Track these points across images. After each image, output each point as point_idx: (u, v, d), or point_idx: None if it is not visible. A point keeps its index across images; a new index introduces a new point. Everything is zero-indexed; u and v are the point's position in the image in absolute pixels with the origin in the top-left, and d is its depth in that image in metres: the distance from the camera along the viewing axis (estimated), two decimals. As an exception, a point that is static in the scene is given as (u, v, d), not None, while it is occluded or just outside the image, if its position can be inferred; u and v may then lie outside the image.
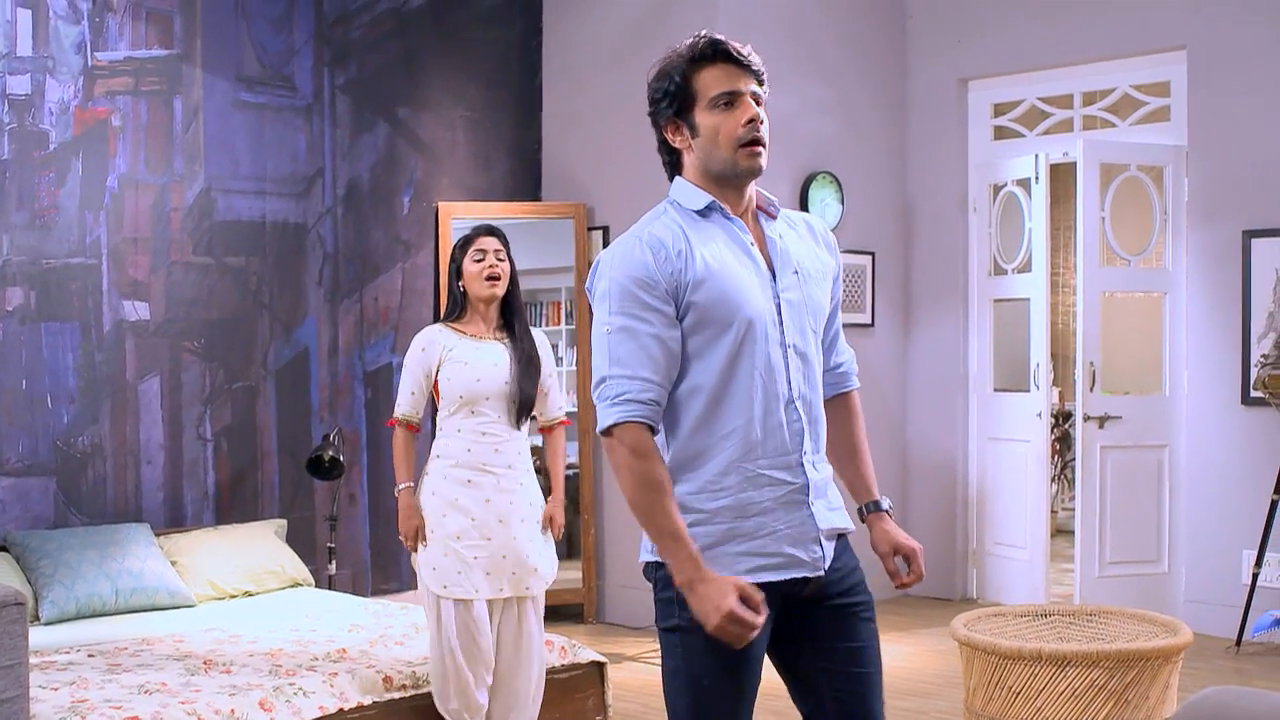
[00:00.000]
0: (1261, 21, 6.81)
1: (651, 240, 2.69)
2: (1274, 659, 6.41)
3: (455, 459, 4.48)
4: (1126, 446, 7.26)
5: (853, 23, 7.80)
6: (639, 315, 2.65)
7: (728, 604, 2.51)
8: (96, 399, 6.06)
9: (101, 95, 6.08)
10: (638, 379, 2.64)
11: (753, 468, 2.68)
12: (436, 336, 4.56)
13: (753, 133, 2.71)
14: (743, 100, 2.71)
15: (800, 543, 2.71)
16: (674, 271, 2.66)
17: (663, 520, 2.60)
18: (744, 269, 2.71)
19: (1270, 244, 6.74)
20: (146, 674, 4.53)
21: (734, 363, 2.67)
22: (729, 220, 2.75)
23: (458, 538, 4.44)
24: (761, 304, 2.69)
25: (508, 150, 7.71)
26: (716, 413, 2.68)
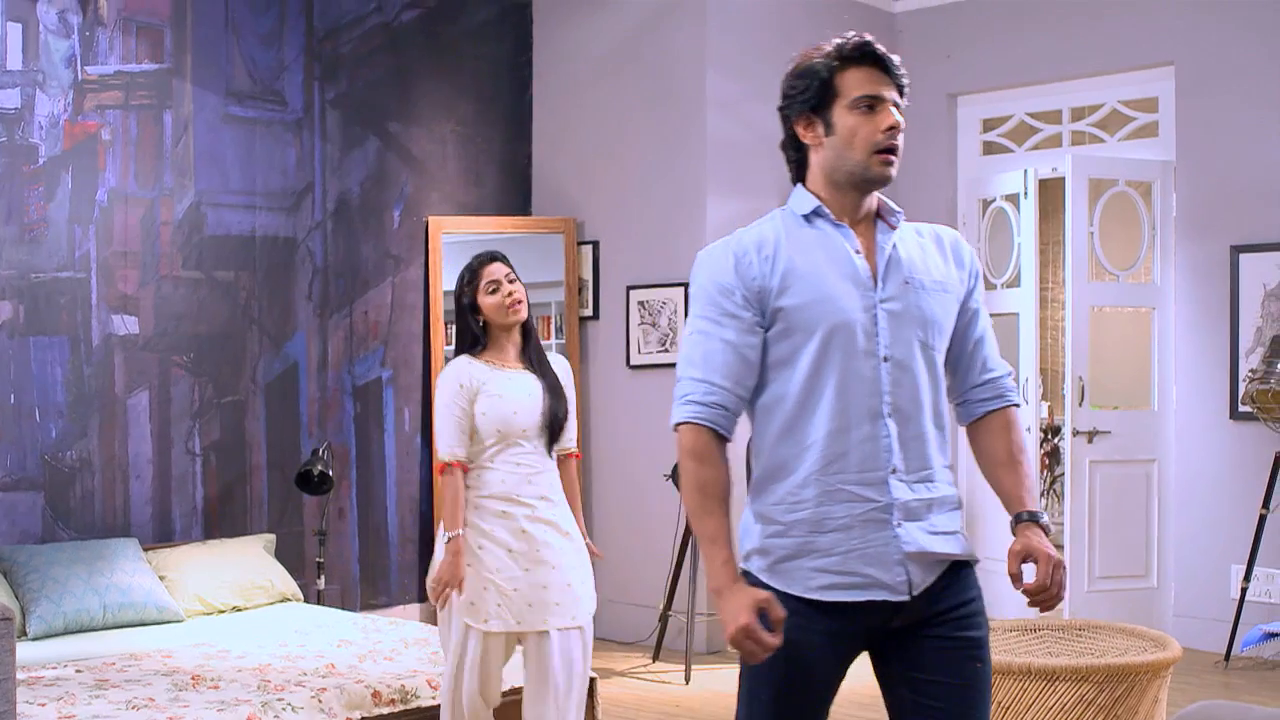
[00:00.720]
0: (1249, 38, 6.84)
1: (738, 246, 2.67)
2: (1262, 673, 6.42)
3: (489, 490, 4.30)
4: (1115, 461, 7.28)
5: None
6: (716, 320, 2.64)
7: (742, 619, 2.47)
8: (85, 413, 6.04)
9: (91, 109, 6.08)
10: (705, 382, 2.62)
11: (833, 481, 2.61)
12: (468, 369, 4.35)
13: (891, 140, 2.64)
14: (884, 106, 2.65)
15: (881, 564, 2.60)
16: (756, 277, 2.63)
17: (705, 523, 2.58)
18: (838, 276, 2.64)
19: (1258, 259, 6.77)
20: (134, 690, 4.52)
21: (818, 372, 2.61)
22: (835, 226, 2.69)
23: (497, 570, 4.25)
24: (854, 312, 2.62)
25: (498, 165, 7.71)
26: (799, 423, 2.63)
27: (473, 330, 4.41)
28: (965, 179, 8.02)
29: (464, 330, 4.44)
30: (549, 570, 4.29)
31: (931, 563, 2.65)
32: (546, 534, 4.32)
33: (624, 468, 7.36)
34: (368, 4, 7.12)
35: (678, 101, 7.22)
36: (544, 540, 4.31)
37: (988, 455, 2.82)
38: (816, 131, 2.69)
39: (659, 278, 7.16)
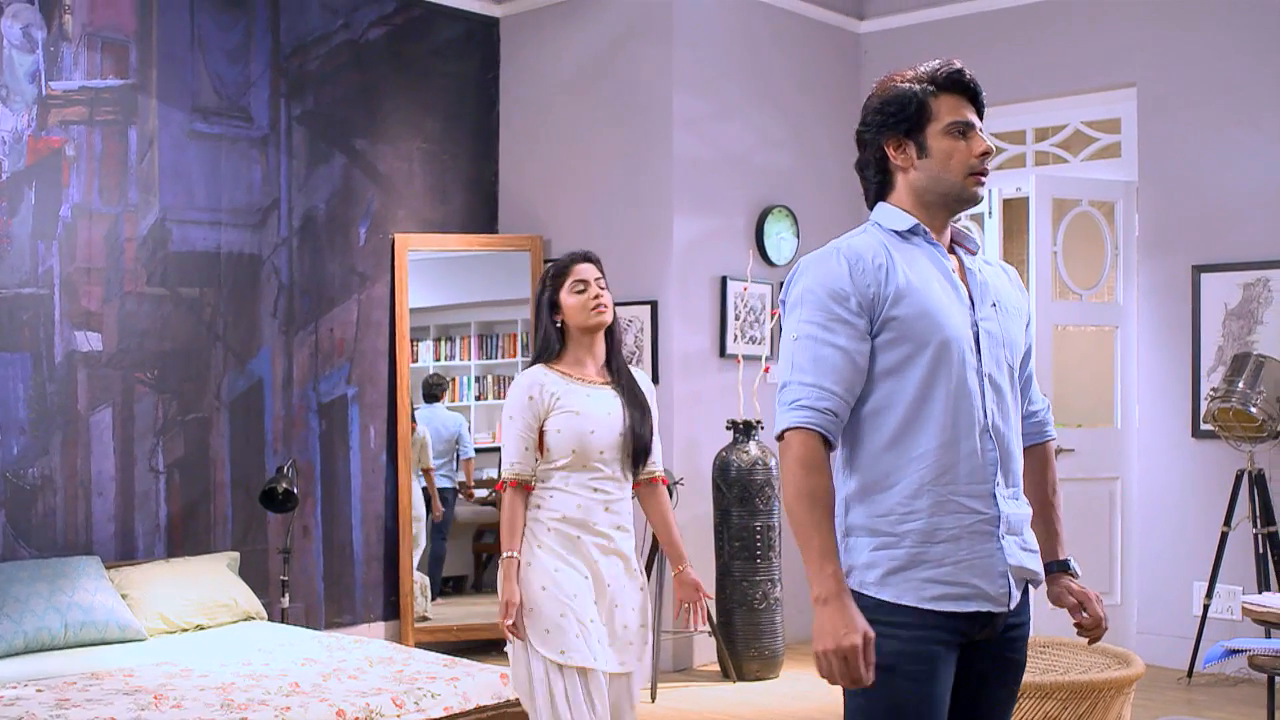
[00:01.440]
0: (1210, 58, 6.91)
1: (849, 252, 2.67)
2: (1225, 690, 6.46)
3: (563, 514, 3.96)
4: (1078, 479, 7.31)
5: (808, 58, 7.86)
6: (826, 325, 2.62)
7: (853, 638, 2.45)
8: (47, 430, 6.00)
9: (55, 124, 6.05)
10: (817, 387, 2.60)
11: (945, 492, 2.61)
12: (542, 380, 4.01)
13: (985, 163, 2.73)
14: (975, 132, 2.73)
15: (987, 575, 2.62)
16: (870, 284, 2.63)
17: (814, 535, 2.54)
18: (945, 291, 2.68)
19: (1219, 279, 6.83)
20: (96, 709, 4.48)
21: (930, 383, 2.62)
22: (932, 245, 2.74)
23: (574, 596, 3.91)
24: (961, 328, 2.66)
25: (464, 182, 7.71)
26: (908, 433, 2.63)
27: (550, 333, 4.09)
28: (930, 198, 8.04)
29: (541, 333, 4.12)
30: (613, 607, 3.98)
31: (1021, 578, 2.71)
32: (616, 568, 4.00)
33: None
34: (334, 21, 7.11)
35: (644, 120, 7.24)
36: (613, 575, 3.99)
37: (1028, 493, 2.86)
38: (909, 153, 2.74)
39: (625, 295, 7.16)
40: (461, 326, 7.72)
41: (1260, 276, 6.71)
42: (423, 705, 4.73)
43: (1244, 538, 6.57)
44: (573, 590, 3.90)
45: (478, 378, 7.73)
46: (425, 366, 7.54)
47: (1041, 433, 2.96)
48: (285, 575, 6.42)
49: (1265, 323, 6.70)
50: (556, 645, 3.88)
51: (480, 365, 7.72)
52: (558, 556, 3.93)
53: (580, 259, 4.13)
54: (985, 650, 2.69)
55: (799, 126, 7.77)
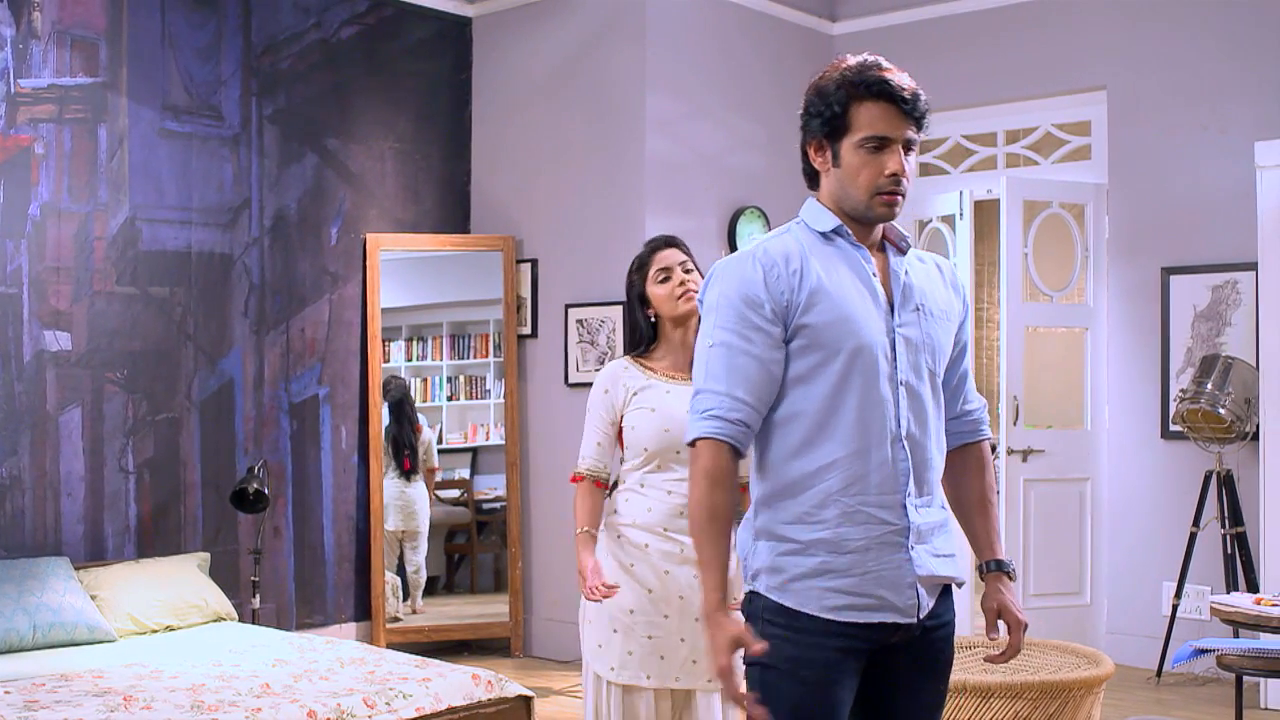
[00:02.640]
0: (1179, 63, 6.95)
1: (765, 257, 2.61)
2: (1193, 689, 6.50)
3: (633, 519, 3.78)
4: (1049, 480, 7.35)
5: (782, 59, 7.87)
6: (741, 333, 2.57)
7: (721, 660, 2.48)
8: (16, 430, 5.96)
9: (24, 122, 6.01)
10: (729, 396, 2.56)
11: (853, 503, 2.57)
12: (621, 375, 3.85)
13: (892, 185, 2.60)
14: (892, 149, 2.60)
15: (895, 587, 2.58)
16: (784, 291, 2.57)
17: (709, 548, 2.54)
18: (861, 297, 2.61)
19: (1188, 281, 6.87)
20: (65, 710, 4.45)
21: (840, 391, 2.57)
22: (854, 247, 2.66)
23: (630, 612, 3.74)
24: (876, 335, 2.59)
25: (436, 182, 7.70)
26: (817, 442, 2.58)
27: (640, 326, 3.90)
28: (902, 200, 8.07)
29: (632, 327, 3.93)
30: (690, 621, 3.70)
31: (934, 585, 2.67)
32: (691, 579, 3.68)
33: (561, 486, 7.34)
34: (306, 20, 7.08)
35: (617, 120, 7.24)
36: (688, 583, 3.71)
37: (963, 493, 2.86)
38: (825, 158, 2.68)
39: (597, 296, 7.16)
40: (433, 326, 7.71)
41: (1229, 279, 6.76)
42: (394, 706, 4.72)
43: (1213, 538, 6.61)
44: (628, 605, 3.75)
45: (450, 378, 7.71)
46: (397, 367, 7.53)
47: (976, 432, 2.89)
48: (256, 576, 6.40)
49: (1234, 324, 6.74)
50: (606, 661, 3.77)
51: (452, 365, 7.70)
52: (621, 568, 3.77)
53: (662, 245, 3.92)
54: (904, 651, 2.66)
55: (771, 128, 7.77)
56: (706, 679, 3.74)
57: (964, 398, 2.88)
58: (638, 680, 3.73)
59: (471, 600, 7.64)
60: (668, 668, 3.74)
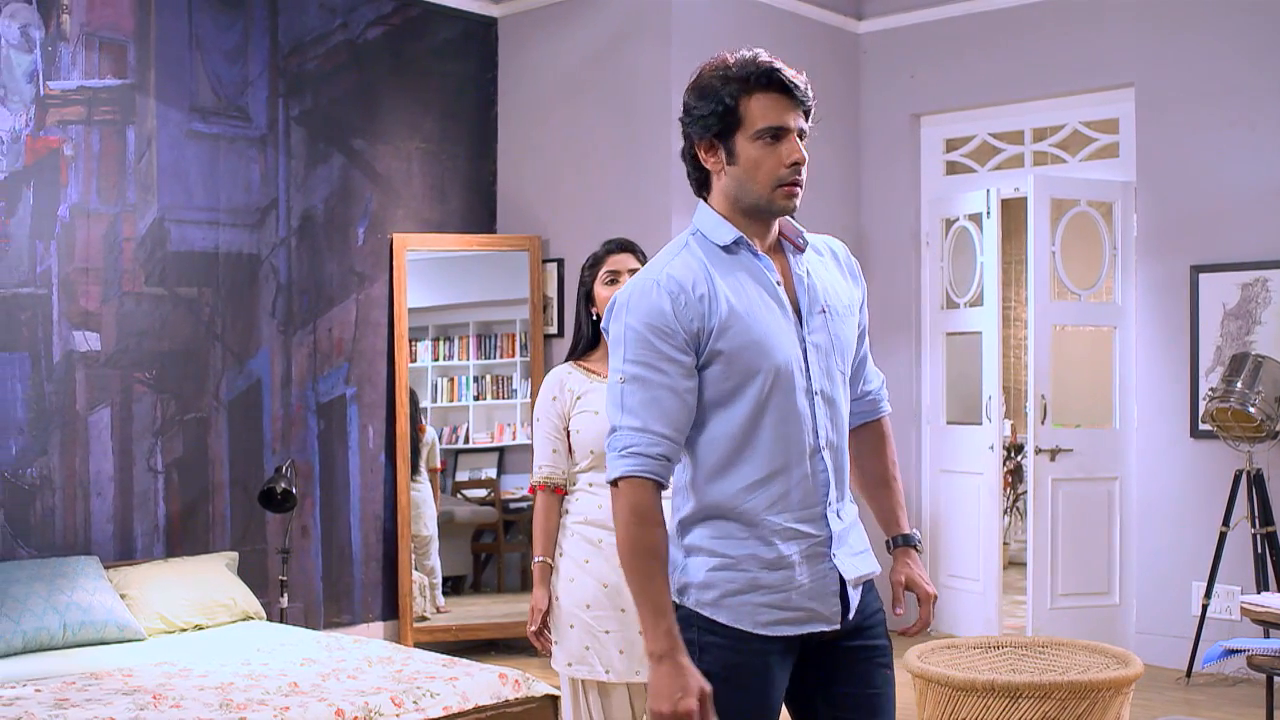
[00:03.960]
0: (1207, 59, 6.91)
1: (670, 283, 2.54)
2: (1223, 689, 6.46)
3: (585, 516, 3.79)
4: (1077, 479, 7.32)
5: (807, 58, 7.84)
6: (653, 365, 2.51)
7: (687, 705, 2.40)
8: (46, 430, 5.99)
9: (54, 124, 6.05)
10: (648, 432, 2.50)
11: (778, 521, 2.57)
12: (565, 380, 3.87)
13: (794, 174, 2.57)
14: (789, 137, 2.56)
15: (821, 596, 2.60)
16: (694, 318, 2.52)
17: (649, 589, 2.48)
18: (771, 313, 2.57)
19: (1217, 279, 6.83)
20: (95, 709, 4.47)
21: (759, 413, 2.55)
22: (756, 258, 2.61)
23: (586, 606, 3.75)
24: (789, 350, 2.57)
25: (463, 182, 7.71)
26: (739, 463, 2.57)
27: (582, 325, 3.94)
28: (928, 198, 8.07)
29: (576, 327, 3.98)
30: None
31: (857, 584, 2.68)
32: None
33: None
34: (332, 21, 7.11)
35: (642, 119, 7.24)
36: None
37: (866, 472, 2.90)
38: (719, 157, 2.62)
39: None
40: (460, 326, 7.72)
41: (1258, 276, 6.71)
42: (421, 705, 4.73)
43: (1242, 538, 6.58)
44: (584, 599, 3.76)
45: (476, 378, 7.72)
46: (424, 366, 7.54)
47: (875, 410, 2.91)
48: (284, 575, 6.42)
49: (1263, 323, 6.70)
50: (563, 658, 3.79)
51: (479, 365, 7.72)
52: (575, 564, 3.79)
53: (616, 249, 3.92)
54: (838, 644, 2.67)
55: (797, 126, 7.76)
56: None
57: (864, 378, 2.89)
58: (596, 675, 3.74)
59: (498, 599, 7.65)
60: (628, 661, 3.74)
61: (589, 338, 3.92)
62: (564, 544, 3.84)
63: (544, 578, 3.82)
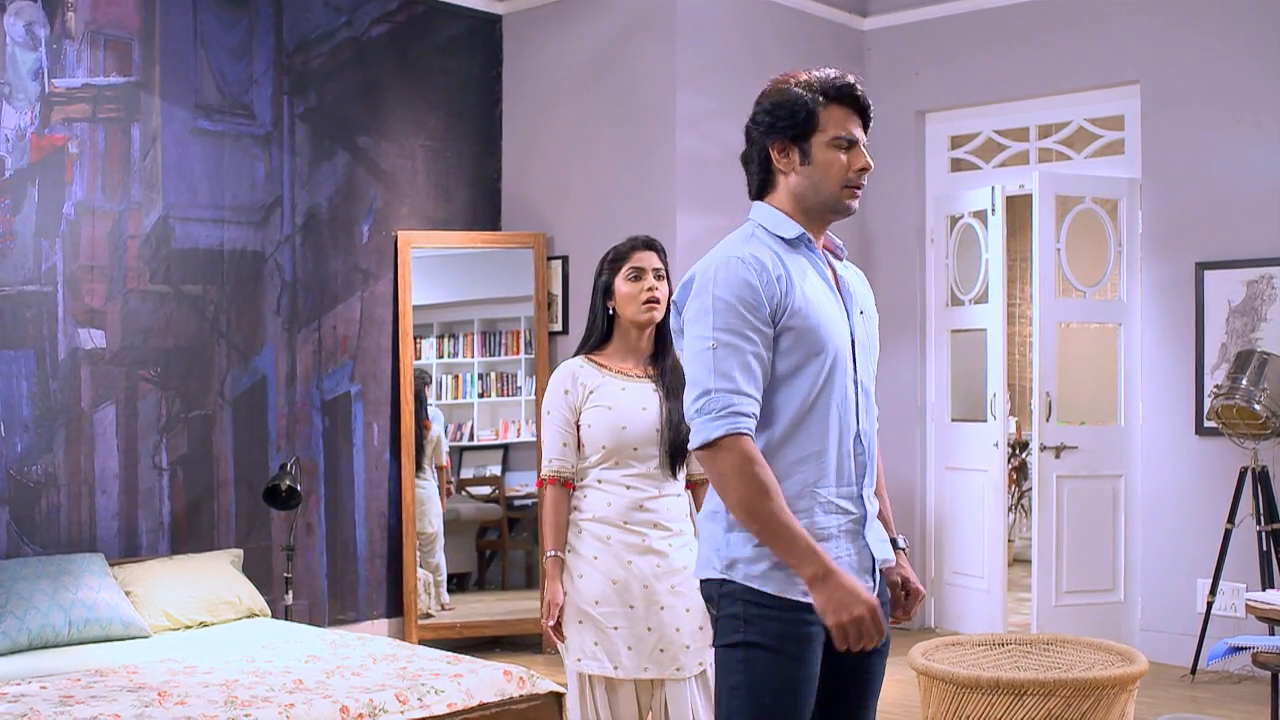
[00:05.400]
0: (1213, 56, 6.91)
1: (754, 261, 2.74)
2: (1228, 687, 6.45)
3: (594, 513, 3.80)
4: (1082, 476, 7.32)
5: (811, 55, 7.85)
6: (742, 333, 2.69)
7: (869, 598, 2.62)
8: (51, 428, 6.00)
9: (59, 122, 6.05)
10: (742, 393, 2.67)
11: (825, 494, 2.77)
12: (578, 374, 3.86)
13: (861, 179, 2.82)
14: (859, 147, 2.81)
15: (859, 572, 2.81)
16: (775, 294, 2.72)
17: (783, 520, 2.64)
18: (830, 303, 2.81)
19: (1223, 276, 6.82)
20: (100, 705, 4.48)
21: (818, 391, 2.75)
22: (814, 254, 2.85)
23: (595, 603, 3.76)
24: (843, 339, 2.80)
25: (467, 180, 7.71)
26: (794, 437, 2.75)
27: (598, 319, 3.92)
28: (933, 195, 8.06)
29: (590, 320, 3.96)
30: (655, 611, 3.77)
31: (882, 566, 2.92)
32: (654, 568, 3.78)
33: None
34: (337, 18, 7.11)
35: (647, 117, 7.23)
36: (651, 573, 3.78)
37: None
38: (792, 158, 2.83)
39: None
40: (465, 324, 7.72)
41: (1264, 273, 6.71)
42: (426, 702, 4.73)
43: (1248, 535, 6.57)
44: (594, 596, 3.77)
45: (481, 375, 7.73)
46: (429, 364, 7.55)
47: None
48: (289, 572, 6.43)
49: (1269, 320, 6.70)
50: (573, 654, 3.80)
51: (483, 363, 7.72)
52: (585, 561, 3.79)
53: (641, 245, 3.91)
54: None
55: (802, 124, 7.76)
56: (675, 668, 3.79)
57: None
58: (605, 670, 3.76)
59: (503, 596, 7.65)
60: (636, 658, 3.77)
61: (603, 332, 3.91)
62: (573, 541, 3.84)
63: (557, 571, 3.82)
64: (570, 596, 3.79)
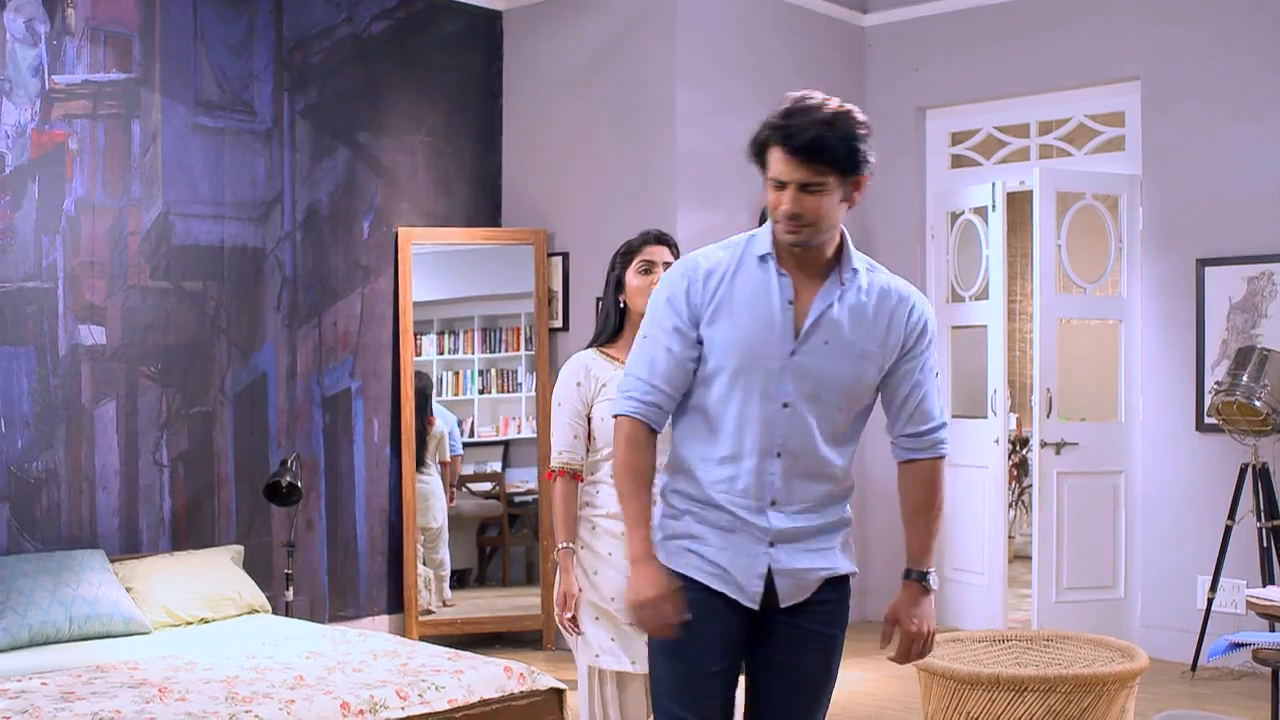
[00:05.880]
0: (1214, 52, 6.90)
1: (694, 267, 2.97)
2: (1229, 683, 6.46)
3: (607, 509, 3.78)
4: (1083, 472, 7.32)
5: (811, 52, 7.85)
6: (663, 328, 2.95)
7: (650, 592, 2.86)
8: (52, 424, 6.00)
9: (59, 118, 6.05)
10: (644, 382, 2.95)
11: (720, 498, 2.92)
12: (590, 366, 3.86)
13: (784, 218, 2.86)
14: (787, 191, 2.84)
15: (742, 571, 2.92)
16: (698, 304, 2.92)
17: (633, 505, 2.94)
18: (762, 324, 2.89)
19: (1223, 272, 6.82)
20: (101, 702, 4.48)
21: (725, 401, 2.91)
22: (779, 275, 2.91)
23: (611, 599, 3.74)
24: (762, 359, 2.88)
25: (468, 176, 7.71)
26: (704, 435, 2.95)
27: (610, 313, 3.92)
28: (934, 192, 8.06)
29: (602, 313, 3.97)
30: None
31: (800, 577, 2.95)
32: None
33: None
34: (337, 15, 7.11)
35: (648, 114, 7.23)
36: None
37: (903, 503, 3.13)
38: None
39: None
40: (465, 320, 7.72)
41: (1265, 270, 6.71)
42: (427, 698, 4.74)
43: (1248, 531, 6.57)
44: (609, 592, 3.76)
45: (481, 371, 7.72)
46: (429, 360, 7.54)
47: (919, 450, 3.10)
48: (289, 569, 6.43)
49: (1270, 316, 6.69)
50: (591, 650, 3.79)
51: (484, 359, 7.72)
52: (599, 558, 3.80)
53: (653, 239, 3.93)
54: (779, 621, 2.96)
55: (802, 120, 7.75)
56: None
57: (910, 417, 3.06)
58: (623, 665, 3.76)
59: (503, 593, 7.66)
60: None
61: (615, 325, 3.93)
62: (586, 537, 3.84)
63: (570, 563, 3.82)
64: (585, 593, 3.79)
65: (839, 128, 2.82)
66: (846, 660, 7.05)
